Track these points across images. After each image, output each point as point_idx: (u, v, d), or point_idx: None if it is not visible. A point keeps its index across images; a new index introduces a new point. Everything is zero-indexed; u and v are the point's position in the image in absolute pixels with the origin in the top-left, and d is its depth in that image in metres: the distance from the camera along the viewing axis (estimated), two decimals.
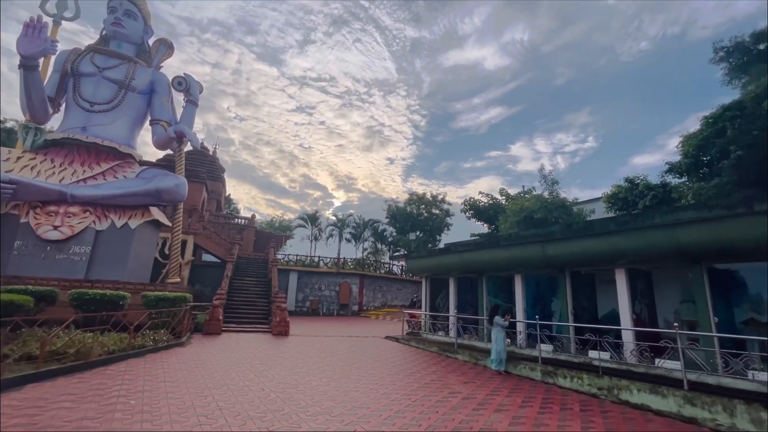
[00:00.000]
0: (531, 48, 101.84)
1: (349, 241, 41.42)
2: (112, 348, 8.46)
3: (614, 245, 8.06)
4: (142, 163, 18.45)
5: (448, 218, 43.68)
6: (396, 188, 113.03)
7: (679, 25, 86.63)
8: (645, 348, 7.76)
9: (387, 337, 14.61)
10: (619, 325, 8.91)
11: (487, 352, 10.22)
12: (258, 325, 16.70)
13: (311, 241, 41.54)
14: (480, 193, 30.65)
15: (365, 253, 43.83)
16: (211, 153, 36.54)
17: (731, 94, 16.76)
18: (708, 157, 14.14)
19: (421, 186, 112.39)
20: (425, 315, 14.30)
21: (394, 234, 42.07)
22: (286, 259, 30.97)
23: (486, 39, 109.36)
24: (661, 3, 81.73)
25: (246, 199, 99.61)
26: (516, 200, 21.23)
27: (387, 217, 43.05)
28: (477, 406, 6.40)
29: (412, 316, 15.78)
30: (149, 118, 17.74)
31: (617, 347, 8.16)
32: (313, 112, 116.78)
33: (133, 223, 14.67)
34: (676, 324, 6.83)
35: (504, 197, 28.91)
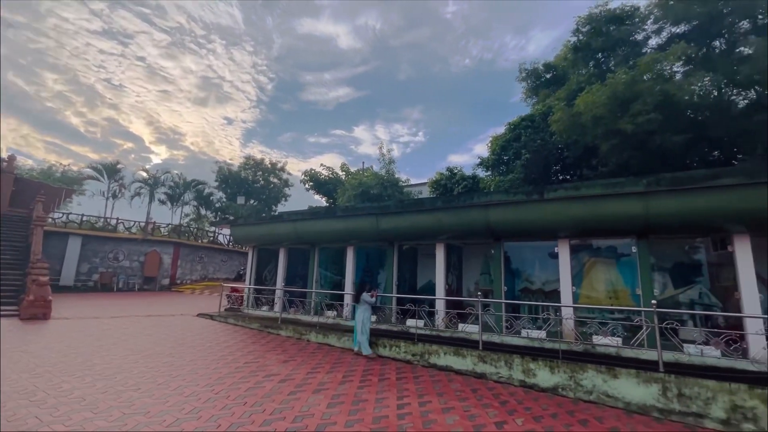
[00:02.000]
0: (381, 38, 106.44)
1: (163, 203, 34.72)
2: None
3: (439, 220, 8.56)
4: None
5: (286, 188, 41.84)
6: (233, 152, 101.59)
7: (492, 52, 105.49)
8: (453, 315, 8.58)
9: (200, 315, 12.52)
10: (434, 294, 9.71)
11: (312, 326, 9.73)
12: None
13: (107, 198, 32.88)
14: (322, 165, 30.06)
15: (187, 219, 37.89)
16: None
17: (526, 111, 20.75)
18: (507, 157, 17.13)
19: (261, 153, 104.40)
20: (249, 288, 12.84)
21: (225, 200, 37.64)
22: (64, 219, 23.56)
23: (341, 16, 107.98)
24: (481, 31, 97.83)
25: (12, 138, 71.82)
26: (355, 176, 21.64)
27: (217, 180, 38.08)
28: (295, 389, 5.69)
29: (233, 290, 14.02)
30: None
31: (431, 315, 8.80)
32: (130, 43, 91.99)
33: None
34: (479, 293, 7.68)
35: (344, 173, 29.14)
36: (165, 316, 12.57)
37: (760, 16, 12.52)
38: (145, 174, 34.43)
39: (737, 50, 12.43)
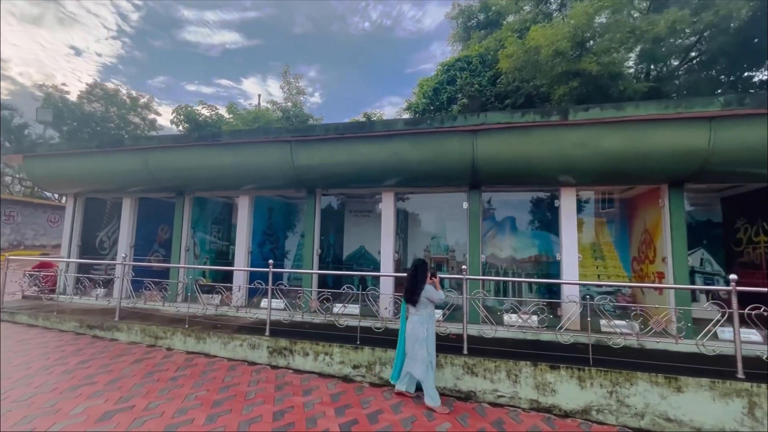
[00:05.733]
0: None
1: None
2: None
3: (397, 153, 5.48)
4: None
5: (153, 132, 33.22)
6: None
7: (391, 20, 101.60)
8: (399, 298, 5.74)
9: None
10: (370, 266, 6.81)
11: (179, 321, 5.93)
12: None
13: None
14: (201, 103, 23.66)
15: None
16: None
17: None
18: (440, 101, 14.71)
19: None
20: (68, 263, 8.00)
21: (57, 139, 27.81)
22: None
23: None
24: None
25: None
26: (250, 112, 16.81)
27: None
28: None
29: (43, 265, 8.85)
30: None
31: (368, 298, 5.85)
32: None
33: None
34: (464, 267, 4.97)
35: (232, 115, 23.41)
36: None
37: None
38: None
39: None
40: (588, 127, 4.83)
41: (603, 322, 5.31)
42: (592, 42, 10.60)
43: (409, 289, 4.16)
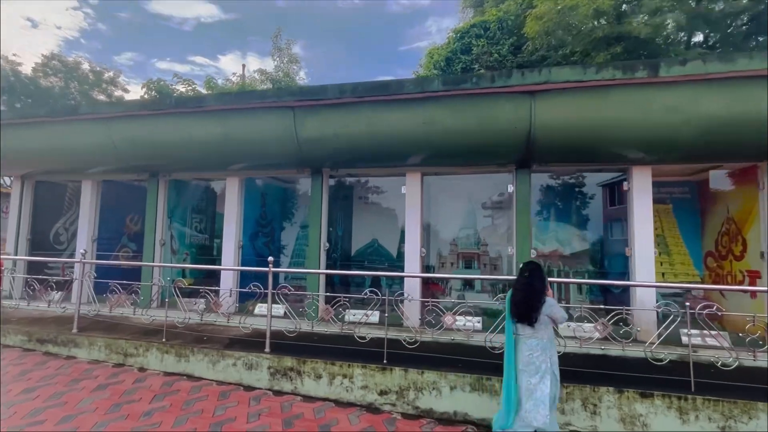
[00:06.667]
0: None
1: None
2: None
3: (430, 121, 4.65)
4: None
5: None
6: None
7: None
8: (437, 305, 4.95)
9: None
10: (384, 263, 6.07)
11: (155, 333, 5.09)
12: None
13: None
14: (176, 76, 22.47)
15: None
16: None
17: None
18: (453, 73, 13.89)
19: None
20: (14, 261, 7.08)
21: None
22: None
23: None
24: None
25: None
26: (235, 85, 15.78)
27: None
28: None
29: None
30: None
31: (396, 304, 5.06)
32: None
33: None
34: (521, 265, 4.21)
35: (212, 89, 22.24)
36: None
37: None
38: None
39: None
40: (684, 86, 4.07)
41: (685, 331, 4.62)
42: (635, 2, 9.84)
43: (524, 304, 3.19)
